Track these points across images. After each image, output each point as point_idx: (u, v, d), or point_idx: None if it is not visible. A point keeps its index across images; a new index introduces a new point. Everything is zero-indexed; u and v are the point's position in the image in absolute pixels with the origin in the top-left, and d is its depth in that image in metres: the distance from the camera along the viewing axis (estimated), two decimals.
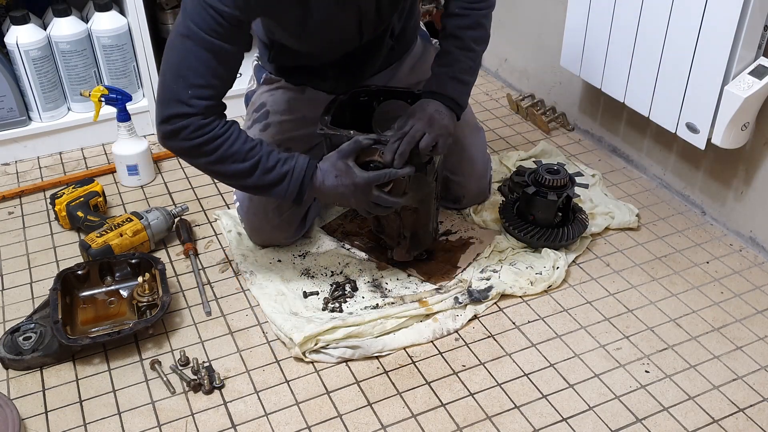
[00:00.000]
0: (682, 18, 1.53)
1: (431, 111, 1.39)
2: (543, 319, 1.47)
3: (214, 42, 1.22)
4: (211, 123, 1.27)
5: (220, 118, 1.29)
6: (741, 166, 1.63)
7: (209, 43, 1.22)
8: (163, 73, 1.27)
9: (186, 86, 1.24)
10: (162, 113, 1.26)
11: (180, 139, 1.27)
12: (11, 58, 1.89)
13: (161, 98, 1.27)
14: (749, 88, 1.45)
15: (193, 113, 1.25)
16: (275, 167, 1.32)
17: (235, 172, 1.31)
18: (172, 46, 1.25)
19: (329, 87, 1.56)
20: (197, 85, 1.24)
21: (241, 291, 1.54)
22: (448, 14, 1.47)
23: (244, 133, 1.31)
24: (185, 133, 1.26)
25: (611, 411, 1.27)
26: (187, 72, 1.24)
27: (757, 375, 1.34)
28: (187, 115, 1.25)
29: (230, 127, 1.30)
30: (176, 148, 1.30)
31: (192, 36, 1.22)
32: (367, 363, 1.37)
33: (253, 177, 1.31)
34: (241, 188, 1.41)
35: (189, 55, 1.23)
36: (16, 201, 1.84)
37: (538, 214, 1.60)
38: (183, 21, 1.23)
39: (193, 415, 1.27)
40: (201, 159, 1.30)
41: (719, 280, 1.57)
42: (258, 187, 1.34)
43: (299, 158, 1.34)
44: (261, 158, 1.31)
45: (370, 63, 1.54)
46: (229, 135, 1.29)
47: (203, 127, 1.26)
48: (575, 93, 2.08)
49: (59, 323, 1.33)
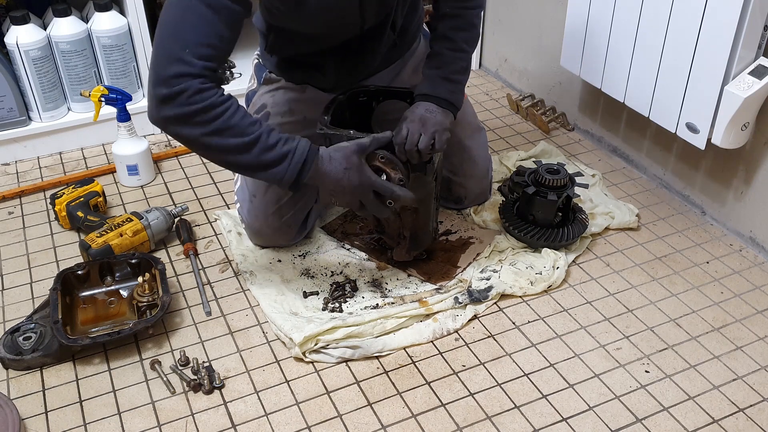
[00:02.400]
0: (682, 18, 1.53)
1: (422, 112, 1.39)
2: (543, 319, 1.47)
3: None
4: (210, 89, 1.19)
5: (218, 88, 1.22)
6: (741, 166, 1.63)
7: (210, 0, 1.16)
8: (160, 32, 1.19)
9: (185, 44, 1.17)
10: (159, 73, 1.17)
11: (177, 104, 1.17)
12: (11, 58, 1.89)
13: (158, 57, 1.18)
14: (749, 88, 1.45)
15: (194, 73, 1.17)
16: (276, 145, 1.24)
17: (232, 146, 1.22)
18: (170, 5, 1.19)
19: (329, 83, 1.56)
20: (198, 43, 1.17)
21: (241, 291, 1.54)
22: (439, 16, 1.46)
23: (243, 108, 1.24)
24: (183, 98, 1.17)
25: (611, 411, 1.27)
26: (187, 29, 1.17)
27: (757, 375, 1.34)
28: (187, 75, 1.16)
29: (230, 98, 1.22)
30: (171, 115, 1.19)
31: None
32: (367, 363, 1.37)
33: (251, 153, 1.23)
34: (235, 167, 1.29)
35: (189, 11, 1.17)
36: (16, 201, 1.84)
37: (538, 214, 1.60)
38: None
39: (193, 415, 1.27)
40: (197, 129, 1.20)
41: (719, 280, 1.57)
42: (255, 166, 1.25)
43: (301, 140, 1.27)
44: (261, 134, 1.23)
45: (370, 55, 1.53)
46: (229, 105, 1.21)
47: (202, 91, 1.17)
48: (575, 93, 2.08)
49: (59, 323, 1.33)
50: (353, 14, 1.39)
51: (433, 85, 1.43)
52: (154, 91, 1.18)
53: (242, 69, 2.20)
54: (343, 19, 1.39)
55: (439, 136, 1.38)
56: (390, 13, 1.47)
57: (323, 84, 1.57)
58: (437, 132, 1.37)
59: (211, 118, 1.20)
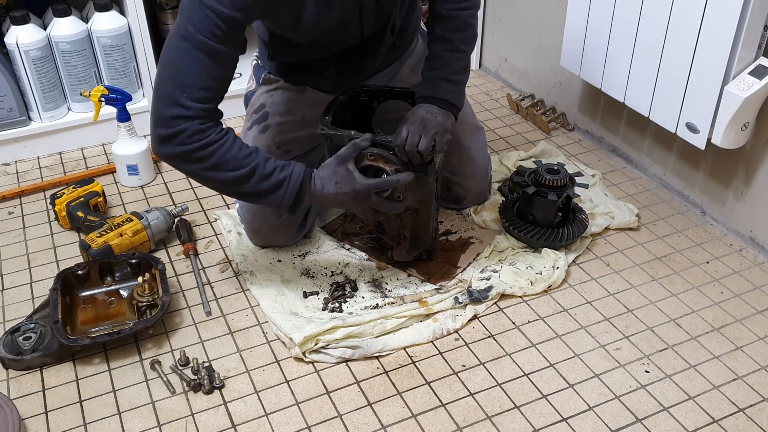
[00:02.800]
0: (682, 18, 1.53)
1: (422, 113, 1.39)
2: (543, 319, 1.47)
3: (210, 44, 1.21)
4: (208, 129, 1.26)
5: (216, 125, 1.28)
6: (741, 166, 1.63)
7: (207, 46, 1.21)
8: (160, 74, 1.26)
9: (183, 89, 1.23)
10: (159, 115, 1.24)
11: (175, 143, 1.25)
12: (11, 58, 1.89)
13: (158, 99, 1.25)
14: (749, 88, 1.45)
15: (191, 116, 1.24)
16: (272, 174, 1.30)
17: (230, 179, 1.29)
18: (168, 47, 1.24)
19: (329, 85, 1.56)
20: (195, 87, 1.23)
21: (241, 291, 1.54)
22: (435, 18, 1.46)
23: (239, 140, 1.30)
24: (182, 138, 1.24)
25: (611, 411, 1.27)
26: (184, 75, 1.23)
27: (757, 375, 1.34)
28: (185, 118, 1.24)
29: (226, 133, 1.29)
30: (171, 153, 1.27)
31: (189, 38, 1.21)
32: (367, 363, 1.37)
33: (249, 184, 1.29)
34: (235, 195, 1.39)
35: (186, 57, 1.22)
36: (16, 201, 1.84)
37: (538, 214, 1.60)
38: (181, 22, 1.22)
39: (193, 415, 1.27)
40: (195, 165, 1.27)
41: (719, 280, 1.57)
42: (254, 194, 1.32)
43: (296, 166, 1.33)
44: (258, 165, 1.29)
45: (371, 59, 1.54)
46: (225, 141, 1.27)
47: (200, 132, 1.25)
48: (575, 93, 2.08)
49: (59, 323, 1.33)
50: (353, 26, 1.40)
51: (432, 87, 1.43)
52: (155, 131, 1.26)
53: (241, 69, 2.19)
54: (343, 30, 1.40)
55: (440, 138, 1.38)
56: (389, 18, 1.47)
57: (323, 86, 1.58)
58: (438, 133, 1.37)
59: (209, 154, 1.26)
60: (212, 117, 1.28)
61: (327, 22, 1.34)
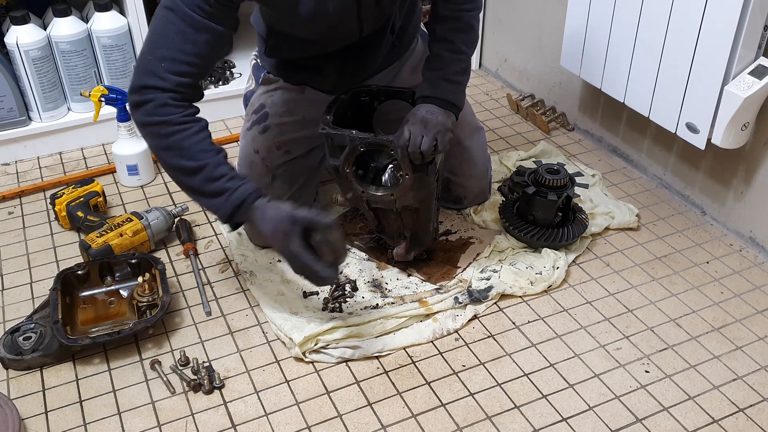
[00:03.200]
0: (682, 18, 1.53)
1: (423, 113, 1.39)
2: (543, 319, 1.47)
3: (195, 18, 1.19)
4: (177, 107, 1.23)
5: (188, 107, 1.26)
6: (741, 166, 1.63)
7: (192, 18, 1.19)
8: (144, 45, 1.24)
9: (162, 60, 1.21)
10: (134, 82, 1.24)
11: (142, 112, 1.24)
12: (11, 58, 1.89)
13: (137, 68, 1.25)
14: (749, 88, 1.45)
15: (164, 88, 1.22)
16: (219, 179, 1.26)
17: (179, 166, 1.26)
18: (156, 16, 1.23)
19: (329, 85, 1.56)
20: (173, 59, 1.21)
21: (241, 291, 1.54)
22: (437, 18, 1.46)
23: (205, 134, 1.27)
24: (149, 107, 1.23)
25: (611, 411, 1.27)
26: (165, 45, 1.21)
27: (757, 375, 1.34)
28: (157, 89, 1.22)
29: (195, 120, 1.26)
30: (137, 120, 1.26)
31: (175, 9, 1.19)
32: (367, 363, 1.37)
33: (195, 179, 1.26)
34: (182, 186, 1.32)
35: (170, 27, 1.20)
36: (16, 201, 1.84)
37: (538, 214, 1.60)
38: None
39: (193, 415, 1.27)
40: (153, 140, 1.26)
41: (719, 280, 1.57)
42: (197, 191, 1.29)
43: (246, 184, 1.28)
44: (209, 164, 1.25)
45: (370, 59, 1.54)
46: (187, 127, 1.24)
47: (166, 106, 1.23)
48: (575, 93, 2.08)
49: (59, 323, 1.33)
50: (351, 22, 1.39)
51: (433, 87, 1.43)
52: (129, 96, 1.27)
53: (241, 69, 2.20)
54: (340, 26, 1.39)
55: (442, 137, 1.38)
56: (389, 17, 1.47)
57: (322, 86, 1.57)
58: (439, 133, 1.37)
59: (167, 134, 1.24)
60: (188, 96, 1.25)
61: (325, 14, 1.32)
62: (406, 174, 1.40)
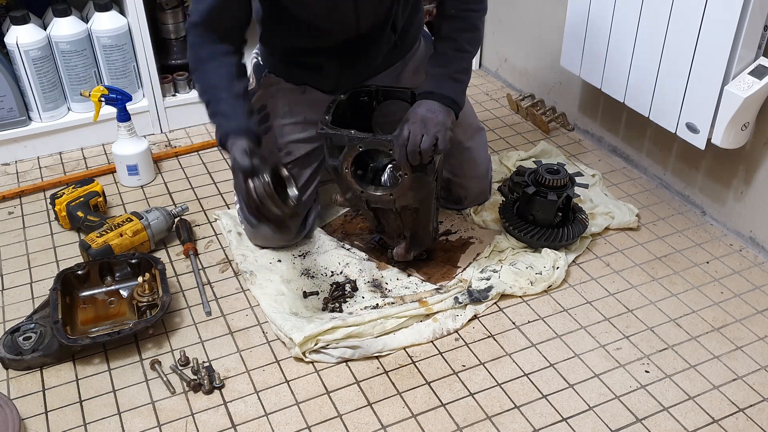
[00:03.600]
0: (682, 18, 1.53)
1: (423, 112, 1.39)
2: (543, 319, 1.47)
3: None
4: (203, 36, 1.36)
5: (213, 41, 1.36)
6: (741, 166, 1.63)
7: None
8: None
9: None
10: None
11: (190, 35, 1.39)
12: (11, 58, 1.89)
13: None
14: (749, 88, 1.45)
15: (193, 21, 1.37)
16: (214, 116, 1.36)
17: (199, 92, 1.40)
18: None
19: (329, 84, 1.56)
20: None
21: (241, 291, 1.54)
22: (443, 16, 1.46)
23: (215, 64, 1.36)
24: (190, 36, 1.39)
25: (611, 411, 1.27)
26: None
27: (757, 375, 1.34)
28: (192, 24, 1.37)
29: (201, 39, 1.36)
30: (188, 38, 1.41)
31: None
32: (367, 363, 1.37)
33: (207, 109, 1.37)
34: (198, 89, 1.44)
35: None
36: (16, 201, 1.84)
37: (538, 214, 1.60)
38: None
39: (193, 415, 1.27)
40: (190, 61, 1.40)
41: (719, 280, 1.57)
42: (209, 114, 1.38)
43: (231, 123, 1.34)
44: (210, 101, 1.36)
45: (370, 57, 1.53)
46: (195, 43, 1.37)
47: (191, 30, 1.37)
48: (575, 93, 2.08)
49: (59, 323, 1.33)
50: (347, 7, 1.39)
51: (437, 83, 1.43)
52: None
53: None
54: (337, 13, 1.40)
55: (442, 136, 1.37)
56: (389, 13, 1.47)
57: (323, 85, 1.57)
58: (440, 132, 1.37)
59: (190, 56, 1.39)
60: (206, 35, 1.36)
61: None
62: (405, 174, 1.40)
